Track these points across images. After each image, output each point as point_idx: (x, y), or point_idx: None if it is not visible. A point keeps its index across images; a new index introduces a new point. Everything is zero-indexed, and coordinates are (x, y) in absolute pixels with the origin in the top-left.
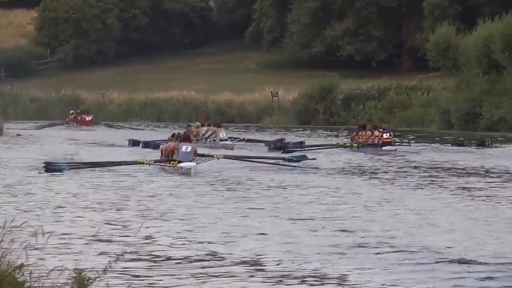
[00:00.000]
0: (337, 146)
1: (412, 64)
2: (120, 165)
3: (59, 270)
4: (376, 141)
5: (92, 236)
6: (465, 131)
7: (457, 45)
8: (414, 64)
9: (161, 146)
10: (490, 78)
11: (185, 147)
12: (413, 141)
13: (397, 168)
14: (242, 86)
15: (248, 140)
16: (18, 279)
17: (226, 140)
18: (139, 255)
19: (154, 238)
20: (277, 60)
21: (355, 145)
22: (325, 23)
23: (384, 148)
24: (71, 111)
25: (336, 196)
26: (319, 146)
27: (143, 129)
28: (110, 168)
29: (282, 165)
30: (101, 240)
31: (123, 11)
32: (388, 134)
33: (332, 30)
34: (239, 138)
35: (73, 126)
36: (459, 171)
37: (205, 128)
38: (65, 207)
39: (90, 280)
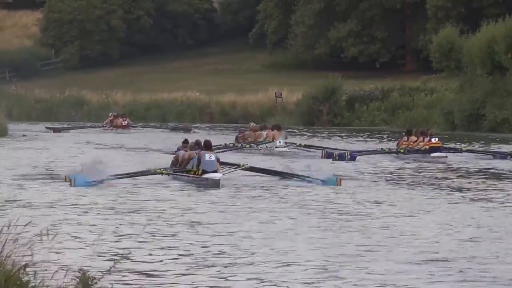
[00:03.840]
0: (384, 152)
1: (415, 66)
2: (133, 177)
3: (63, 270)
4: (423, 147)
5: (96, 236)
6: (469, 132)
7: (461, 47)
8: (418, 65)
9: (176, 153)
10: (494, 80)
11: (209, 155)
12: (464, 148)
13: (446, 176)
14: (246, 87)
15: (306, 146)
16: (22, 279)
17: (283, 146)
18: (143, 256)
19: (158, 239)
20: (281, 61)
21: (401, 151)
22: (329, 25)
23: (433, 154)
24: (109, 114)
25: (375, 207)
26: (365, 151)
27: (182, 131)
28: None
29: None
30: (105, 241)
31: (127, 12)
32: (436, 139)
33: (336, 31)
34: (295, 144)
35: (108, 129)
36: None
37: (265, 133)
38: (70, 208)
39: (95, 280)
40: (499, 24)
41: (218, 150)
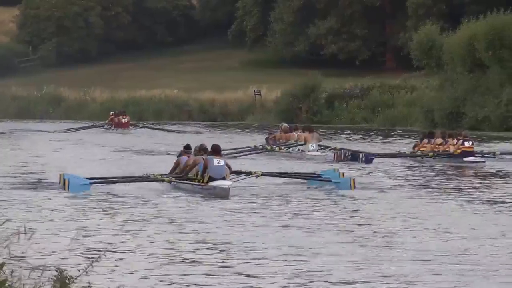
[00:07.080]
0: (408, 155)
1: (395, 63)
2: (134, 182)
3: (40, 269)
4: (452, 150)
5: (74, 235)
6: (449, 130)
7: (441, 44)
8: (398, 63)
9: (177, 159)
10: (474, 77)
11: (217, 160)
12: (498, 152)
13: (483, 185)
14: (225, 84)
15: (341, 149)
16: None
17: (316, 150)
18: (121, 254)
19: (137, 236)
20: (260, 59)
21: (430, 154)
22: (308, 22)
23: (466, 159)
24: (111, 112)
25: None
26: (388, 155)
27: (197, 132)
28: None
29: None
30: (83, 239)
31: (105, 9)
32: (470, 142)
33: (315, 28)
34: (329, 147)
35: (110, 128)
36: None
37: (296, 135)
38: (48, 206)
39: (72, 279)
40: (480, 21)
41: (245, 153)
